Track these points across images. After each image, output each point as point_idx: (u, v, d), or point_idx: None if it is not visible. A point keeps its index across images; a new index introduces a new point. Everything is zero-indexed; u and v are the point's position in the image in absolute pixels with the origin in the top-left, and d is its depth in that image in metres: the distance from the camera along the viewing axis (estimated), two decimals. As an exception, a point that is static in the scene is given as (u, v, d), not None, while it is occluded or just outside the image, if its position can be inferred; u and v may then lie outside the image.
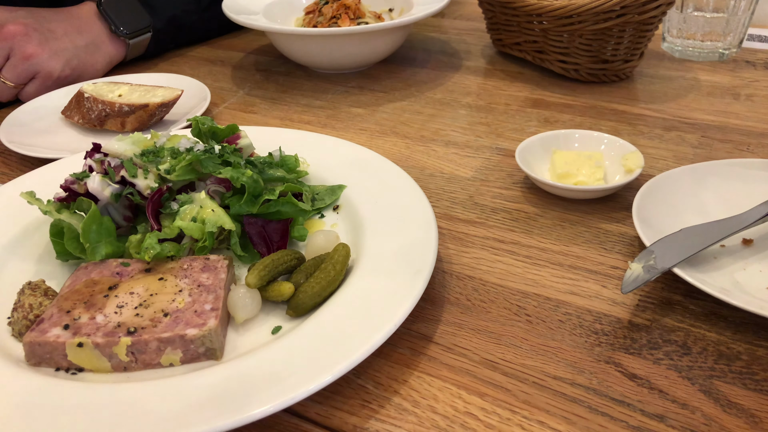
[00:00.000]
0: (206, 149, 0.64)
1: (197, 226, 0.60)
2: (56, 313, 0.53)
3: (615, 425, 0.46)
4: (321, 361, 0.48)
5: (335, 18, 1.10)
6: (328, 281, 0.56)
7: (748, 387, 0.48)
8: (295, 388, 0.46)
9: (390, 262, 0.57)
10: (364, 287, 0.55)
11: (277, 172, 0.67)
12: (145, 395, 0.47)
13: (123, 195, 0.63)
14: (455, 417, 0.47)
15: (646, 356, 0.51)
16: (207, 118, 0.71)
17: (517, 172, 0.77)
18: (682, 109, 0.90)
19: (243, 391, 0.46)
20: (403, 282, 0.54)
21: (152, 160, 0.64)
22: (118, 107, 0.87)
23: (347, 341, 0.49)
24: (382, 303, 0.52)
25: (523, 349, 0.53)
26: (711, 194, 0.66)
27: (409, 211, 0.63)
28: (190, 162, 0.62)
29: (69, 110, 0.92)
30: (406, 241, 0.59)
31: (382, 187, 0.68)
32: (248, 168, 0.64)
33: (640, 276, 0.54)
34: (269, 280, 0.56)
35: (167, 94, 0.91)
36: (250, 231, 0.63)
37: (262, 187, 0.63)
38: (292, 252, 0.59)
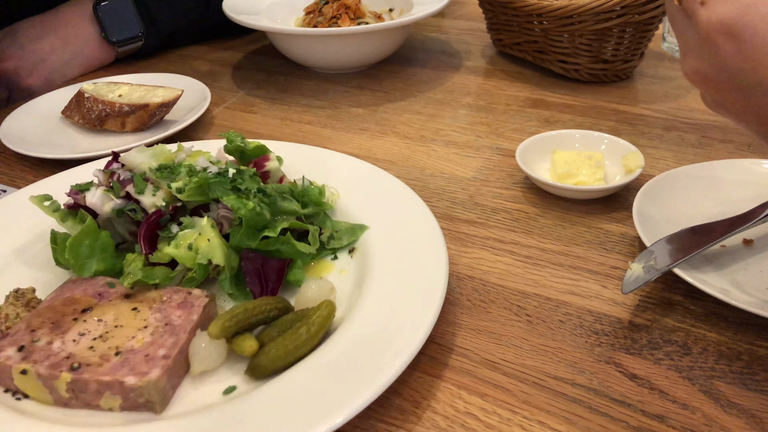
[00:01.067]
0: (219, 171, 0.60)
1: (189, 255, 0.55)
2: (21, 331, 0.52)
3: (615, 425, 0.46)
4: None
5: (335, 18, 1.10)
6: (296, 345, 0.49)
7: (748, 387, 0.48)
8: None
9: (377, 333, 0.50)
10: (339, 356, 0.49)
11: (291, 205, 0.60)
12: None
13: (125, 212, 0.60)
14: (455, 417, 0.47)
15: (647, 356, 0.51)
16: (237, 135, 0.67)
17: (517, 172, 0.77)
18: (682, 109, 0.90)
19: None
20: (378, 363, 0.47)
21: (166, 176, 0.60)
22: (118, 107, 0.87)
23: (299, 418, 0.44)
24: (350, 383, 0.46)
25: (523, 349, 0.53)
26: (711, 194, 0.66)
27: (421, 274, 0.55)
28: (200, 184, 0.59)
29: (69, 110, 0.92)
30: (403, 314, 0.51)
31: (402, 233, 0.61)
32: (258, 197, 0.58)
33: (641, 276, 0.54)
34: (236, 332, 0.51)
35: (167, 94, 0.91)
36: (246, 267, 0.57)
37: (266, 220, 0.58)
38: (275, 301, 0.54)
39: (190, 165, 0.61)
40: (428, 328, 0.50)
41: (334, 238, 0.62)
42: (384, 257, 0.59)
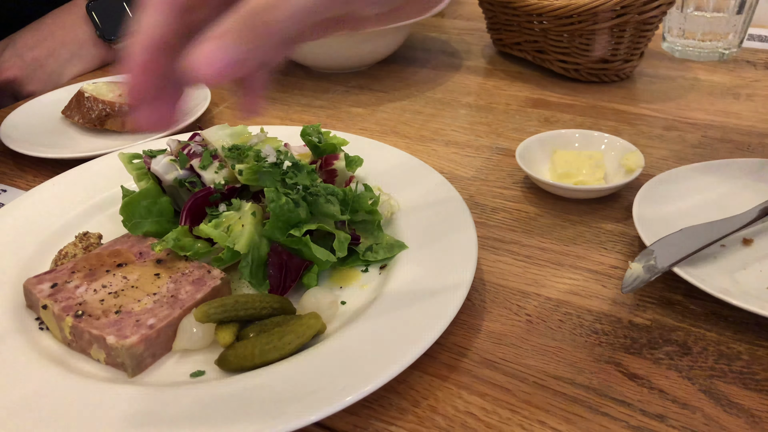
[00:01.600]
0: (275, 162, 0.60)
1: (222, 236, 0.56)
2: (64, 270, 0.57)
3: (615, 425, 0.46)
4: (200, 425, 0.43)
5: (335, 18, 1.10)
6: (262, 350, 0.48)
7: (748, 387, 0.48)
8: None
9: (364, 355, 0.49)
10: (314, 364, 0.48)
11: (331, 209, 0.59)
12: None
13: (185, 183, 0.62)
14: (455, 417, 0.47)
15: (647, 356, 0.51)
16: (314, 129, 0.68)
17: (517, 172, 0.77)
18: (682, 109, 0.90)
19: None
20: (363, 371, 0.47)
21: (235, 156, 0.62)
22: (118, 107, 0.87)
23: (249, 418, 0.44)
24: (309, 395, 0.45)
25: (523, 349, 0.53)
26: (711, 194, 0.66)
27: (436, 302, 0.52)
28: (254, 170, 0.59)
29: (69, 110, 0.92)
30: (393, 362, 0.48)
31: (437, 260, 0.57)
32: (300, 193, 0.58)
33: (641, 276, 0.54)
34: (221, 319, 0.51)
35: None
36: (272, 259, 0.57)
37: (298, 218, 0.57)
38: (272, 299, 0.53)
39: (258, 150, 0.61)
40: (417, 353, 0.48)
41: (372, 251, 0.60)
42: (407, 282, 0.56)
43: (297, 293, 0.57)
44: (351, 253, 0.60)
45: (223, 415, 0.44)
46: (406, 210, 0.65)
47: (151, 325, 0.51)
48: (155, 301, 0.53)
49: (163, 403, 0.46)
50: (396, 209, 0.65)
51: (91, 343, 0.51)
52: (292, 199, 0.57)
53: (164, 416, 0.45)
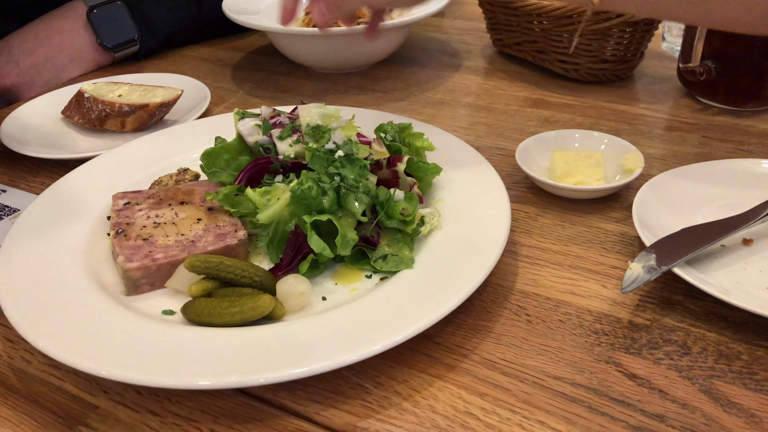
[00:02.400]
0: (331, 149, 0.62)
1: (261, 203, 0.60)
2: (146, 193, 0.66)
3: (615, 425, 0.46)
4: (138, 365, 0.48)
5: (335, 18, 1.10)
6: (210, 314, 0.52)
7: (748, 387, 0.48)
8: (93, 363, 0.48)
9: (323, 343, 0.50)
10: (238, 344, 0.50)
11: (355, 207, 0.59)
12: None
13: (262, 147, 0.67)
14: (455, 417, 0.47)
15: (646, 356, 0.51)
16: (394, 127, 0.69)
17: (517, 172, 0.77)
18: (682, 109, 0.90)
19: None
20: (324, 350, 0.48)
21: (312, 136, 0.65)
22: (118, 107, 0.87)
23: (165, 365, 0.48)
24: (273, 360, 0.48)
25: (523, 349, 0.53)
26: (711, 194, 0.66)
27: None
28: (311, 153, 0.63)
29: (69, 110, 0.92)
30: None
31: (426, 291, 0.55)
32: (333, 184, 0.59)
33: (640, 276, 0.54)
34: (204, 274, 0.55)
35: (167, 94, 0.91)
36: (292, 236, 0.59)
37: (321, 206, 0.58)
38: (255, 271, 0.56)
39: (330, 135, 0.64)
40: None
41: (385, 260, 0.59)
42: (386, 298, 0.55)
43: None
44: (364, 256, 0.60)
45: (152, 354, 0.49)
46: (448, 231, 0.62)
47: (156, 258, 0.57)
48: (177, 241, 0.60)
49: (129, 326, 0.52)
50: (436, 227, 0.62)
51: (116, 256, 0.59)
52: (321, 186, 0.59)
53: (126, 337, 0.51)
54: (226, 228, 0.62)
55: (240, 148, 0.69)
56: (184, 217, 0.63)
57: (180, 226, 0.61)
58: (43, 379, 0.53)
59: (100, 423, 0.49)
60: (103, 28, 1.11)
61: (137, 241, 0.59)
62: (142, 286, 0.58)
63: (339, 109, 0.68)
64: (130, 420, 0.49)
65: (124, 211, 0.64)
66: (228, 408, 0.50)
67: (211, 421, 0.49)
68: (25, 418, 0.50)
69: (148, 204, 0.64)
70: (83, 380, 0.53)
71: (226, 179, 0.68)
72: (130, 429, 0.48)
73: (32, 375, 0.54)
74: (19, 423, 0.50)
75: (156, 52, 1.21)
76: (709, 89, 0.89)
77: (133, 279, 0.57)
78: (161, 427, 0.48)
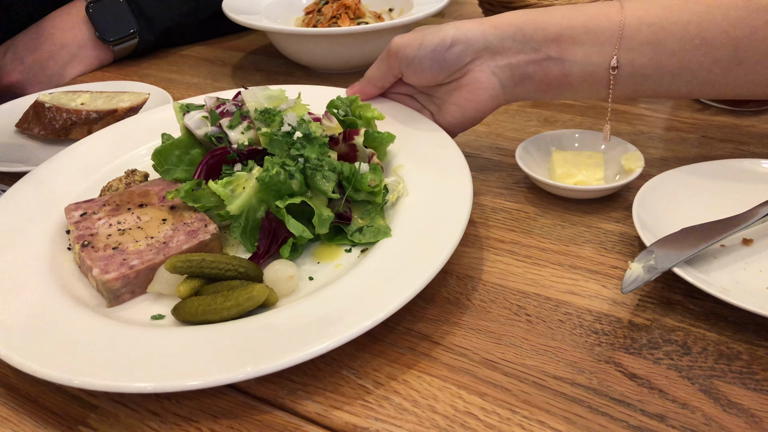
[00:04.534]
0: (288, 131, 0.62)
1: (226, 194, 0.59)
2: (98, 202, 0.64)
3: (615, 425, 0.46)
4: (134, 360, 0.48)
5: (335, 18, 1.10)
6: (205, 310, 0.52)
7: (748, 387, 0.48)
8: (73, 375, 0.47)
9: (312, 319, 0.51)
10: (239, 335, 0.50)
11: (324, 185, 0.60)
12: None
13: (213, 139, 0.65)
14: (455, 417, 0.47)
15: (646, 356, 0.51)
16: (344, 101, 0.69)
17: (517, 172, 0.77)
18: (683, 109, 0.90)
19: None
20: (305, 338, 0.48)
21: (263, 120, 0.64)
22: (85, 114, 0.85)
23: (167, 367, 0.47)
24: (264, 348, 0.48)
25: (523, 349, 0.53)
26: (711, 194, 0.66)
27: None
28: (268, 137, 0.62)
29: (26, 122, 0.88)
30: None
31: (412, 254, 0.56)
32: (298, 166, 0.60)
33: (640, 276, 0.54)
34: (188, 273, 0.55)
35: (134, 98, 0.89)
36: (264, 223, 0.60)
37: (290, 189, 0.59)
38: (239, 263, 0.56)
39: (282, 117, 0.64)
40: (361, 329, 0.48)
41: (361, 233, 0.60)
42: (374, 267, 0.56)
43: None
44: (340, 232, 0.61)
45: (151, 358, 0.48)
46: (415, 196, 0.63)
47: (132, 265, 0.56)
48: (148, 244, 0.58)
49: (120, 337, 0.51)
50: (403, 194, 0.64)
51: (87, 270, 0.57)
52: (288, 170, 0.59)
53: (116, 346, 0.50)
54: (194, 224, 0.60)
55: (190, 142, 0.67)
56: (147, 220, 0.61)
57: (147, 230, 0.60)
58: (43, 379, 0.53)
59: (100, 423, 0.49)
60: (101, 22, 1.12)
61: (107, 251, 0.57)
62: (123, 295, 0.56)
63: (284, 90, 0.68)
64: (130, 420, 0.49)
65: (82, 222, 0.61)
66: (228, 408, 0.50)
67: (211, 421, 0.49)
68: (25, 418, 0.50)
69: (105, 212, 0.62)
70: (83, 380, 0.53)
71: (181, 175, 0.66)
72: (129, 429, 0.48)
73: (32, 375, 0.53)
74: (19, 423, 0.50)
75: (155, 49, 1.21)
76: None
77: (113, 290, 0.55)
78: (161, 427, 0.48)
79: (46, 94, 0.90)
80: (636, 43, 0.64)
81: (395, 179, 0.66)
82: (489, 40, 0.67)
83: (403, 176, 0.66)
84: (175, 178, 0.66)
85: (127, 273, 0.55)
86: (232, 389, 0.51)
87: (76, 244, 0.58)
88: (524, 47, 0.67)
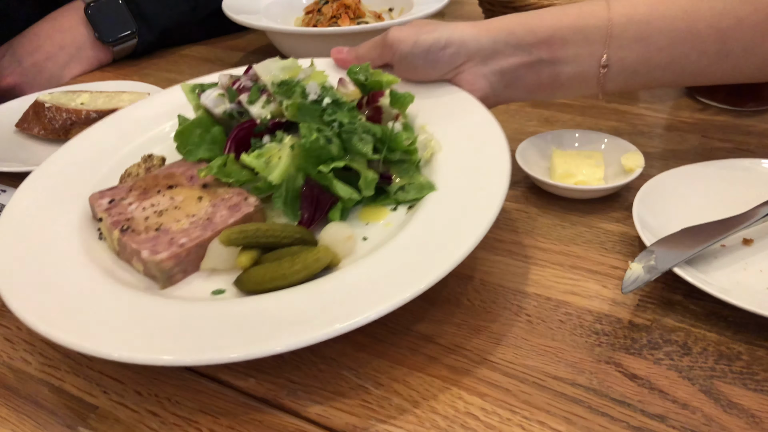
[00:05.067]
0: (316, 99, 0.62)
1: (261, 166, 0.59)
2: (124, 188, 0.63)
3: (615, 425, 0.46)
4: (210, 337, 0.47)
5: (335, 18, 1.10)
6: (272, 277, 0.52)
7: (748, 387, 0.48)
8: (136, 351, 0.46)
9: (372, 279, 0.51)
10: (316, 294, 0.50)
11: (364, 147, 0.60)
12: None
13: (234, 116, 0.65)
14: (455, 417, 0.47)
15: (647, 356, 0.51)
16: (362, 68, 0.69)
17: (517, 172, 0.77)
18: (683, 109, 0.90)
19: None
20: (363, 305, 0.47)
21: (282, 92, 0.63)
22: (85, 114, 0.85)
23: (249, 337, 0.47)
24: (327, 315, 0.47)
25: (523, 349, 0.53)
26: (711, 194, 0.66)
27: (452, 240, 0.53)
28: (296, 107, 0.61)
29: (26, 122, 0.88)
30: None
31: (463, 206, 0.56)
32: (334, 131, 0.60)
33: (641, 276, 0.54)
34: (244, 244, 0.54)
35: (134, 98, 0.89)
36: (305, 191, 0.60)
37: (330, 154, 0.59)
38: (294, 230, 0.56)
39: (303, 87, 0.63)
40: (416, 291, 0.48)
41: (404, 190, 0.61)
42: (429, 221, 0.56)
43: (323, 226, 0.59)
44: (382, 192, 0.62)
45: (229, 331, 0.47)
46: (449, 151, 0.64)
47: (182, 244, 0.55)
48: (192, 222, 0.58)
49: (185, 315, 0.49)
50: (437, 150, 0.64)
51: (132, 255, 0.56)
52: (326, 135, 0.59)
53: (184, 326, 0.48)
54: (233, 199, 0.60)
55: (209, 121, 0.67)
56: (182, 200, 0.60)
57: (185, 209, 0.59)
58: (43, 380, 0.53)
59: (100, 423, 0.49)
60: (100, 23, 1.11)
61: (149, 233, 0.56)
62: (176, 275, 0.55)
63: (295, 60, 0.68)
64: (130, 420, 0.49)
65: (113, 209, 0.60)
66: (228, 408, 0.49)
67: (211, 421, 0.49)
68: (25, 418, 0.50)
69: (134, 196, 0.62)
70: (83, 380, 0.53)
71: (204, 155, 0.66)
72: (129, 429, 0.48)
73: (32, 375, 0.54)
74: (18, 423, 0.49)
75: (154, 49, 1.21)
76: (709, 89, 0.89)
77: (166, 270, 0.54)
78: (161, 428, 0.48)
79: (46, 93, 0.90)
80: (625, 40, 0.65)
81: (425, 136, 0.65)
82: (482, 44, 0.68)
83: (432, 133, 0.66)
84: (198, 159, 0.66)
85: (178, 252, 0.54)
86: (232, 389, 0.51)
87: (114, 230, 0.57)
88: (516, 50, 0.68)
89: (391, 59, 0.72)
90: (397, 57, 0.71)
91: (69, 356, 0.55)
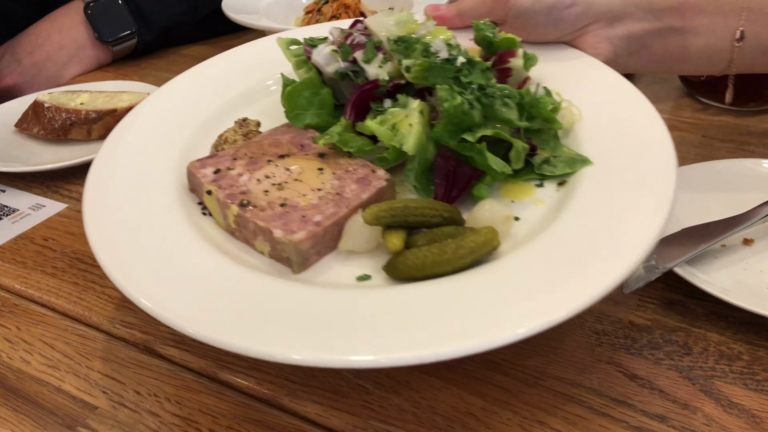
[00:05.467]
0: (448, 58, 0.55)
1: (388, 134, 0.53)
2: (226, 156, 0.56)
3: (616, 425, 0.46)
4: (368, 330, 0.42)
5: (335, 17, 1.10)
6: (435, 261, 0.45)
7: (748, 387, 0.48)
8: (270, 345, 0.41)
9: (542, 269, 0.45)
10: (489, 286, 0.44)
11: (509, 113, 0.53)
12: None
13: (348, 75, 0.58)
14: (455, 417, 0.47)
15: (647, 356, 0.51)
16: (488, 25, 0.61)
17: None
18: (683, 109, 0.90)
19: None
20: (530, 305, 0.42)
21: (401, 50, 0.57)
22: (84, 114, 0.84)
23: (414, 334, 0.41)
24: (489, 312, 0.42)
25: (523, 349, 0.52)
26: (711, 194, 0.65)
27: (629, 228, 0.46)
28: (424, 67, 0.55)
29: (25, 122, 0.87)
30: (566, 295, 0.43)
31: (629, 178, 0.50)
32: (475, 94, 0.52)
33: (641, 276, 0.54)
34: (390, 224, 0.48)
35: (133, 98, 0.89)
36: (438, 164, 0.53)
37: (472, 121, 0.52)
38: (443, 208, 0.50)
39: (426, 45, 0.57)
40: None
41: (549, 164, 0.54)
42: (592, 203, 0.49)
43: (462, 205, 0.53)
44: (525, 165, 0.55)
45: (390, 324, 0.42)
46: (589, 120, 0.57)
47: (317, 222, 0.49)
48: (320, 198, 0.52)
49: (330, 304, 0.44)
50: (578, 118, 0.58)
51: (256, 235, 0.50)
52: (466, 99, 0.52)
53: (332, 317, 0.43)
54: (359, 171, 0.54)
55: (318, 82, 0.60)
56: (300, 171, 0.54)
57: (307, 182, 0.53)
58: (43, 380, 0.53)
59: (99, 423, 0.49)
60: (100, 23, 1.11)
61: (274, 209, 0.50)
62: (311, 257, 0.49)
63: (410, 14, 0.62)
64: (130, 421, 0.49)
65: (221, 180, 0.53)
66: (228, 408, 0.49)
67: (210, 421, 0.48)
68: (24, 419, 0.50)
69: (242, 166, 0.55)
70: (83, 380, 0.53)
71: (312, 121, 0.59)
72: (129, 429, 0.48)
73: (31, 375, 0.53)
74: (18, 423, 0.49)
75: (154, 49, 1.21)
76: (709, 89, 0.89)
77: (303, 251, 0.48)
78: (160, 428, 0.48)
79: (46, 93, 0.90)
80: (763, 14, 0.61)
81: (567, 103, 0.59)
82: (611, 4, 0.63)
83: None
84: (306, 125, 0.59)
85: (315, 231, 0.49)
86: (232, 389, 0.51)
87: (232, 205, 0.51)
88: (646, 14, 0.63)
89: (504, 15, 0.65)
90: (513, 13, 0.64)
91: (69, 356, 0.55)
